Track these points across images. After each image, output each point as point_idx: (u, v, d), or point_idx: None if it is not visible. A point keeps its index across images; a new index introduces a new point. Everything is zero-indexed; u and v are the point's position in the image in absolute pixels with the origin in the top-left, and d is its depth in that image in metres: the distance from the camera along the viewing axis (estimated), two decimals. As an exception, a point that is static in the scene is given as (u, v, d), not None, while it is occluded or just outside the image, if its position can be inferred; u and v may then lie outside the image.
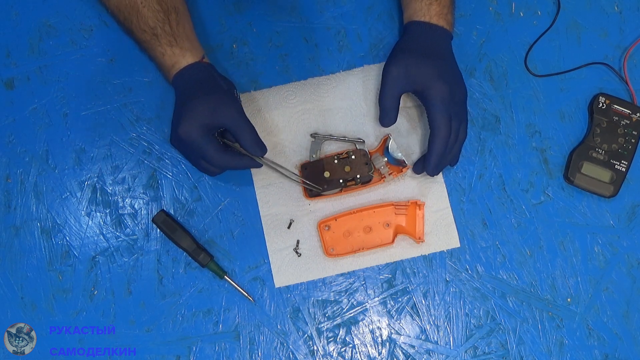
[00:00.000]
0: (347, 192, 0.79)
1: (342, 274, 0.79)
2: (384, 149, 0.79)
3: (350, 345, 0.77)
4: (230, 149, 0.74)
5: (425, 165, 0.75)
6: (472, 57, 0.83)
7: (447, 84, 0.72)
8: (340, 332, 0.78)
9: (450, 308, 0.78)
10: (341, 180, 0.78)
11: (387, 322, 0.78)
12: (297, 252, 0.79)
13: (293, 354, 0.77)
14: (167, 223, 0.78)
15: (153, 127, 0.81)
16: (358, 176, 0.78)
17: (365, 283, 0.79)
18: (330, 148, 0.80)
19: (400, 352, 0.77)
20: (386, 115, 0.76)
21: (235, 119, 0.72)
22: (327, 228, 0.78)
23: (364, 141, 0.79)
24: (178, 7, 0.75)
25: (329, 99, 0.81)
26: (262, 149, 0.73)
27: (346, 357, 0.77)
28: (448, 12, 0.76)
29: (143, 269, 0.79)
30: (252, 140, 0.72)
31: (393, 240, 0.78)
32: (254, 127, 0.72)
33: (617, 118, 0.79)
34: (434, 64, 0.73)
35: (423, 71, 0.73)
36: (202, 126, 0.70)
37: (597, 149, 0.79)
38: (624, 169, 0.79)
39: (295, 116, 0.81)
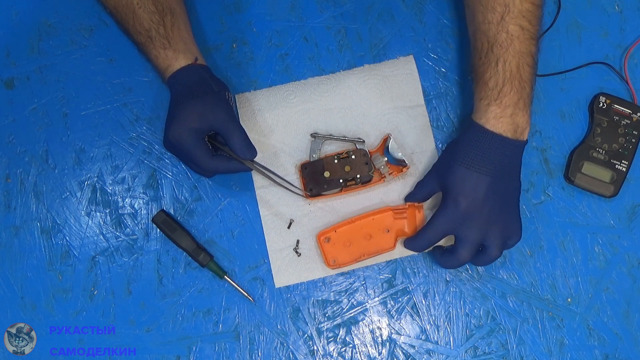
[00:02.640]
0: (347, 192, 0.79)
1: (342, 274, 0.79)
2: (384, 148, 0.79)
3: (350, 345, 0.77)
4: (220, 153, 0.74)
5: (408, 240, 0.75)
6: (472, 57, 0.83)
7: (467, 201, 0.69)
8: (340, 332, 0.78)
9: (451, 308, 0.78)
10: (341, 180, 0.78)
11: (387, 322, 0.78)
12: (297, 252, 0.79)
13: (293, 354, 0.77)
14: (167, 223, 0.78)
15: (153, 126, 0.81)
16: (358, 176, 0.78)
17: (365, 283, 0.79)
18: (330, 148, 0.80)
19: (400, 352, 0.77)
20: (414, 197, 0.77)
21: (225, 121, 0.71)
22: (327, 240, 0.77)
23: (364, 141, 0.79)
24: (174, 7, 0.75)
25: (329, 99, 0.81)
26: (252, 152, 0.72)
27: (346, 357, 0.77)
28: (515, 113, 0.69)
29: (143, 269, 0.79)
30: (241, 143, 0.71)
31: (394, 245, 0.77)
32: (244, 130, 0.72)
33: (617, 118, 0.79)
34: (468, 176, 0.70)
35: (452, 180, 0.70)
36: (191, 130, 0.70)
37: (597, 149, 0.79)
38: (624, 169, 0.79)
39: (295, 116, 0.81)
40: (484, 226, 0.70)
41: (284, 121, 0.81)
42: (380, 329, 0.78)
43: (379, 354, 0.77)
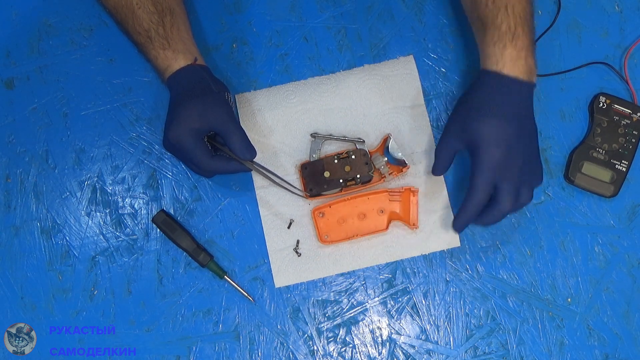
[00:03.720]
0: (347, 192, 0.79)
1: (342, 274, 0.79)
2: (384, 148, 0.79)
3: (350, 345, 0.77)
4: (219, 153, 0.74)
5: (454, 220, 0.72)
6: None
7: (501, 149, 0.68)
8: (340, 332, 0.78)
9: (451, 308, 0.78)
10: (341, 180, 0.78)
11: (387, 322, 0.78)
12: (297, 252, 0.79)
13: (293, 354, 0.77)
14: (167, 223, 0.78)
15: (153, 127, 0.81)
16: (358, 176, 0.78)
17: (365, 283, 0.79)
18: (330, 148, 0.80)
19: (400, 352, 0.77)
20: (439, 165, 0.74)
21: (224, 122, 0.71)
22: (321, 215, 0.78)
23: (364, 141, 0.79)
24: (173, 8, 0.75)
25: (329, 99, 0.81)
26: (252, 152, 0.72)
27: (346, 357, 0.77)
28: (528, 55, 0.70)
29: (143, 269, 0.79)
30: (241, 144, 0.72)
31: (387, 227, 0.78)
32: (243, 131, 0.72)
33: (617, 118, 0.79)
34: (495, 124, 0.68)
35: (479, 133, 0.69)
36: (191, 130, 0.70)
37: (597, 149, 0.79)
38: (624, 169, 0.79)
39: (295, 116, 0.81)
40: (519, 172, 0.69)
41: (284, 121, 0.81)
42: (380, 329, 0.78)
43: (379, 354, 0.77)
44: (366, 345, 0.77)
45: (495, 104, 0.69)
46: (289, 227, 0.79)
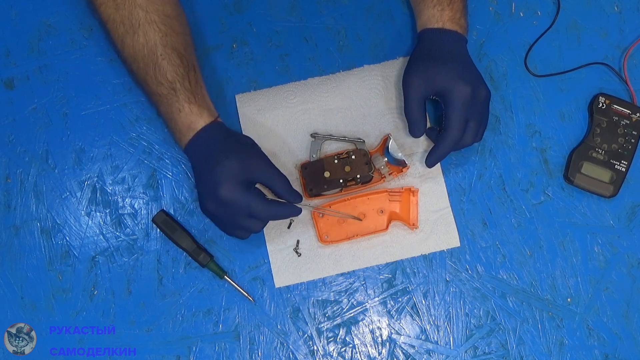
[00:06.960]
0: (347, 192, 0.79)
1: (342, 274, 0.79)
2: (384, 149, 0.79)
3: (350, 345, 0.78)
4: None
5: (427, 157, 0.76)
6: (472, 57, 0.82)
7: (469, 85, 0.72)
8: (340, 332, 0.78)
9: (450, 308, 0.78)
10: (341, 180, 0.78)
11: (387, 322, 0.78)
12: (297, 252, 0.79)
13: (293, 354, 0.77)
14: (167, 223, 0.78)
15: (153, 127, 0.81)
16: (358, 176, 0.78)
17: (365, 283, 0.79)
18: (330, 148, 0.81)
19: (400, 352, 0.77)
20: (415, 125, 0.75)
21: (268, 170, 0.72)
22: (321, 215, 0.78)
23: (364, 141, 0.79)
24: (196, 65, 0.74)
25: (329, 99, 0.81)
26: (298, 196, 0.73)
27: (346, 357, 0.77)
28: (461, 17, 0.76)
29: (143, 269, 0.79)
30: (287, 189, 0.72)
31: (387, 227, 0.78)
32: (285, 176, 0.73)
33: (617, 118, 0.79)
34: (453, 66, 0.73)
35: (443, 74, 0.73)
36: (243, 183, 0.70)
37: (597, 149, 0.79)
38: (624, 169, 0.79)
39: (295, 116, 0.81)
40: (480, 111, 0.75)
41: (284, 121, 0.81)
42: (380, 329, 0.78)
43: (379, 354, 0.77)
44: (366, 345, 0.78)
45: (450, 52, 0.74)
46: (289, 227, 0.79)
